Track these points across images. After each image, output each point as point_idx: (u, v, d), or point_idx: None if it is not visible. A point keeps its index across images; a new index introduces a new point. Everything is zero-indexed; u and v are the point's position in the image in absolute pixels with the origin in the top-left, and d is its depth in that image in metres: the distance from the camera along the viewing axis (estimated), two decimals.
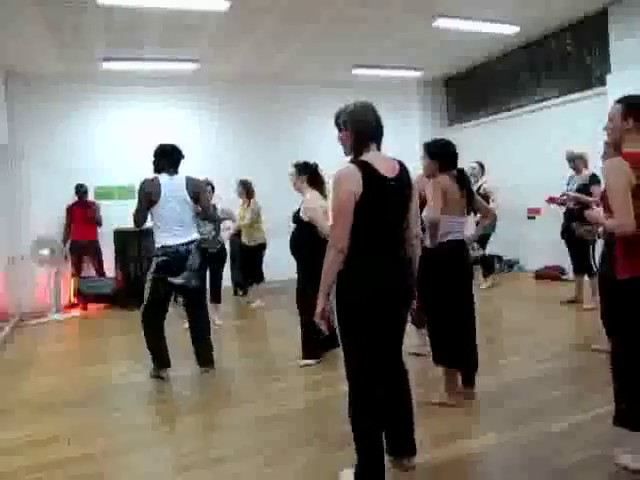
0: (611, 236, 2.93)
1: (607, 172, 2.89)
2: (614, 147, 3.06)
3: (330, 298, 2.76)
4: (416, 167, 3.88)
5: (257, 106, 10.63)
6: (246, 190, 8.10)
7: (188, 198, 4.91)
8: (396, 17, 7.83)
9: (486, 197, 8.63)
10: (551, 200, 6.88)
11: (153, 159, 5.00)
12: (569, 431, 3.44)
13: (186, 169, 9.44)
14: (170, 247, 4.84)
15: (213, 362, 5.21)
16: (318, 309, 2.76)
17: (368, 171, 2.68)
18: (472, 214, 4.40)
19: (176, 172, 5.01)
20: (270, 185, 8.87)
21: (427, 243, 3.89)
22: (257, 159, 10.33)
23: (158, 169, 4.97)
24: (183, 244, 4.87)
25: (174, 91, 10.04)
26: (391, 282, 2.75)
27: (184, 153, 5.18)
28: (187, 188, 4.91)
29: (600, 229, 3.08)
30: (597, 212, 3.15)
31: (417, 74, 11.04)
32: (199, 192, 5.00)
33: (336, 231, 2.67)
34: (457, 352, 3.91)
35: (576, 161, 6.70)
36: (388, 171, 2.75)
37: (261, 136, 10.64)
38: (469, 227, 4.12)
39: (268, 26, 7.82)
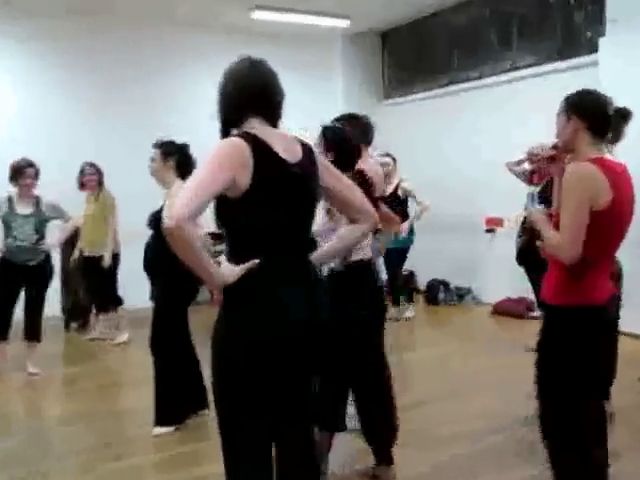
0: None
1: (569, 180, 3.12)
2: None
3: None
4: None
5: (104, 57, 10.34)
6: (101, 178, 8.18)
7: None
8: None
9: (404, 199, 9.03)
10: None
11: None
12: None
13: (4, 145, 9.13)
14: None
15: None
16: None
17: (261, 149, 2.58)
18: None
19: None
20: (123, 172, 8.69)
21: (335, 266, 3.95)
22: (105, 134, 10.10)
23: None
24: None
25: None
26: (297, 321, 2.63)
27: None
28: None
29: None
30: (543, 218, 3.35)
31: (343, 23, 11.18)
32: None
33: (185, 194, 2.43)
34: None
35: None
36: (287, 152, 2.67)
37: (112, 102, 10.38)
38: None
39: None
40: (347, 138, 4.05)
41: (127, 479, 4.44)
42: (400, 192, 9.07)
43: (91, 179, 8.11)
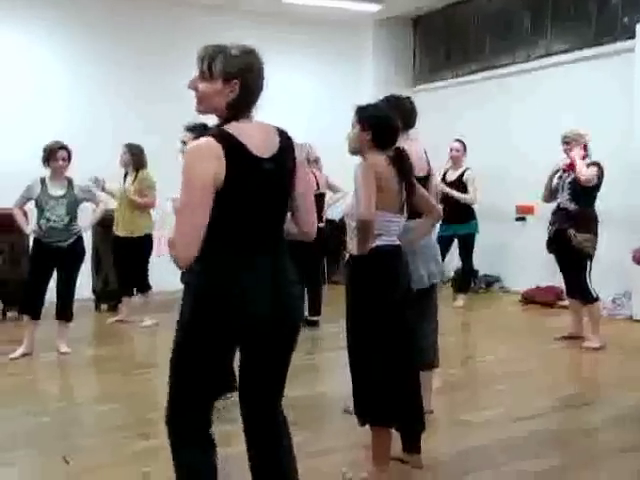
0: None
1: None
2: None
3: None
4: None
5: (140, 37, 10.44)
6: (135, 158, 8.23)
7: None
8: None
9: (464, 185, 9.12)
10: None
11: None
12: None
13: (30, 125, 9.20)
14: None
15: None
16: None
17: (234, 147, 2.70)
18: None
19: None
20: (152, 156, 8.75)
21: (352, 250, 3.95)
22: (133, 115, 10.13)
23: None
24: None
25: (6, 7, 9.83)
26: (266, 308, 2.81)
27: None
28: None
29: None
30: None
31: (374, 8, 11.14)
32: None
33: (182, 234, 2.68)
34: (390, 405, 3.95)
35: (572, 143, 6.94)
36: (262, 147, 2.78)
37: (143, 83, 10.44)
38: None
39: None
40: (383, 116, 4.03)
41: (155, 458, 4.41)
42: (464, 177, 9.21)
43: (121, 158, 8.23)
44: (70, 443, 4.77)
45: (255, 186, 2.74)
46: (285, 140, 2.88)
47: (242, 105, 2.81)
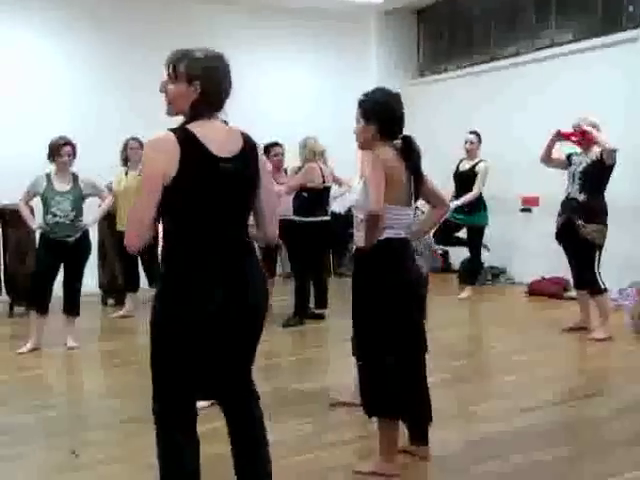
0: None
1: None
2: None
3: None
4: None
5: (143, 33, 10.44)
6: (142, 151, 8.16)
7: None
8: None
9: (473, 177, 9.08)
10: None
11: None
12: None
13: (36, 122, 9.18)
14: None
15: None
16: None
17: (190, 145, 2.81)
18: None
19: None
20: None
21: (359, 242, 3.95)
22: (138, 111, 10.12)
23: None
24: None
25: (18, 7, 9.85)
26: (224, 305, 2.91)
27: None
28: None
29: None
30: None
31: (377, 0, 11.14)
32: None
33: (131, 223, 2.89)
34: (399, 397, 3.96)
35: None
36: (222, 147, 2.87)
37: (147, 80, 10.28)
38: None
39: None
40: (386, 105, 4.00)
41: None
42: (476, 169, 9.19)
43: (137, 153, 8.16)
44: (78, 437, 4.79)
45: (209, 183, 2.85)
46: (249, 145, 2.99)
47: (204, 105, 2.92)
